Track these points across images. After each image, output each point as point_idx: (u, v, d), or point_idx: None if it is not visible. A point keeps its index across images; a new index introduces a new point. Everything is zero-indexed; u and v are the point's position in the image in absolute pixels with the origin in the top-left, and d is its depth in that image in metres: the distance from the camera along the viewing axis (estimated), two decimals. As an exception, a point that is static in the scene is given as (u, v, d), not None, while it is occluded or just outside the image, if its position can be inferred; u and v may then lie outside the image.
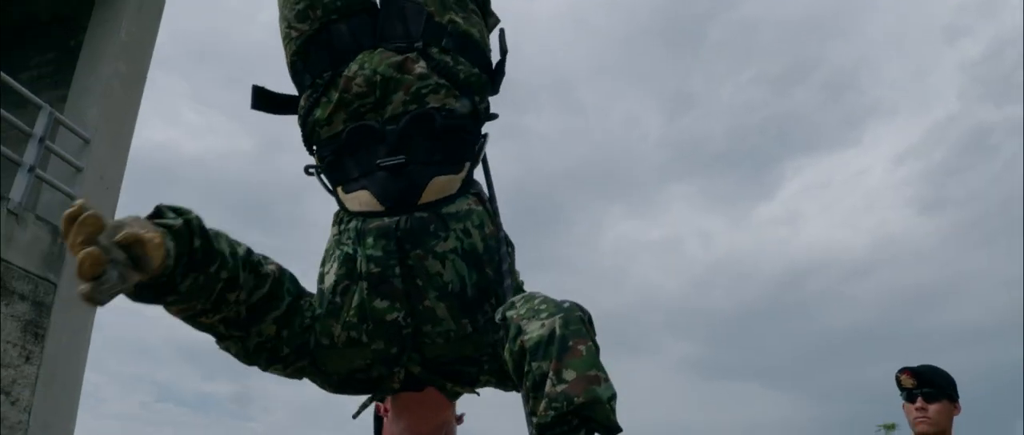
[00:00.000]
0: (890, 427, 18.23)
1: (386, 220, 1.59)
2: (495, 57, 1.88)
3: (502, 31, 1.95)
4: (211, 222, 1.40)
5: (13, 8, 8.31)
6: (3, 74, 6.04)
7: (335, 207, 1.74)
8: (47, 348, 5.92)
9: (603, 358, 1.35)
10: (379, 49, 1.72)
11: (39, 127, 6.13)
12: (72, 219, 1.08)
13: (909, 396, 2.70)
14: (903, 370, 2.73)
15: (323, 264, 1.68)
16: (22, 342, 5.75)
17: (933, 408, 2.64)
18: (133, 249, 1.12)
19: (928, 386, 2.66)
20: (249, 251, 1.51)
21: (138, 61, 7.33)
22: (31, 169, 5.96)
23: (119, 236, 1.11)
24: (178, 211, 1.35)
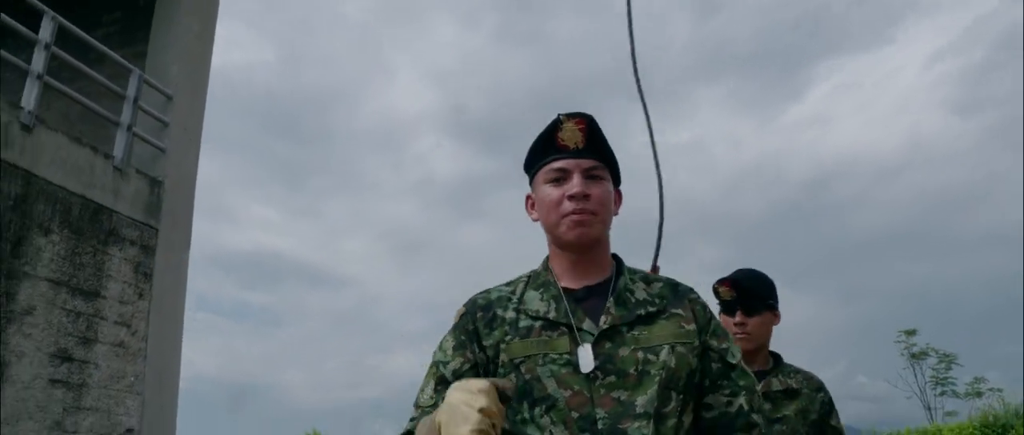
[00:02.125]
0: (911, 333, 18.93)
1: None
2: None
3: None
4: (243, 135, 1.47)
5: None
6: (97, 42, 6.69)
7: None
8: (154, 285, 6.77)
9: (633, 262, 1.59)
10: None
11: (131, 89, 6.82)
12: None
13: (727, 308, 2.52)
14: (720, 281, 2.55)
15: None
16: (135, 281, 6.59)
17: (752, 322, 2.46)
18: None
19: (747, 298, 2.48)
20: None
21: (207, 17, 7.93)
22: (129, 128, 6.68)
23: None
24: None
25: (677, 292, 1.53)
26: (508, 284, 1.58)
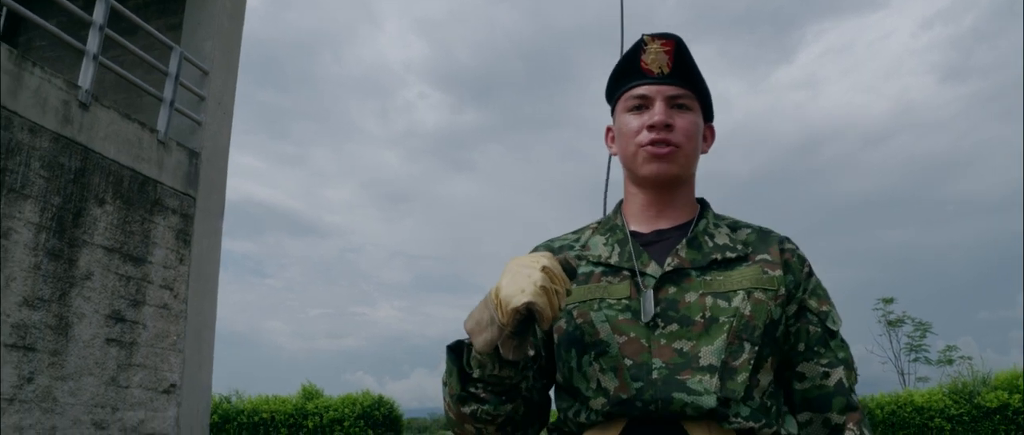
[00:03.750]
0: (888, 301, 19.74)
1: None
2: None
3: None
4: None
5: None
6: (137, 18, 7.09)
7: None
8: (193, 250, 7.29)
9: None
10: None
11: (172, 66, 7.24)
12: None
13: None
14: None
15: None
16: (176, 247, 7.10)
17: None
18: None
19: None
20: None
21: (239, -4, 8.31)
22: (171, 103, 7.12)
23: None
24: None
25: (767, 238, 1.33)
26: (575, 231, 1.43)
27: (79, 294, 6.00)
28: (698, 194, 1.42)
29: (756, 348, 1.20)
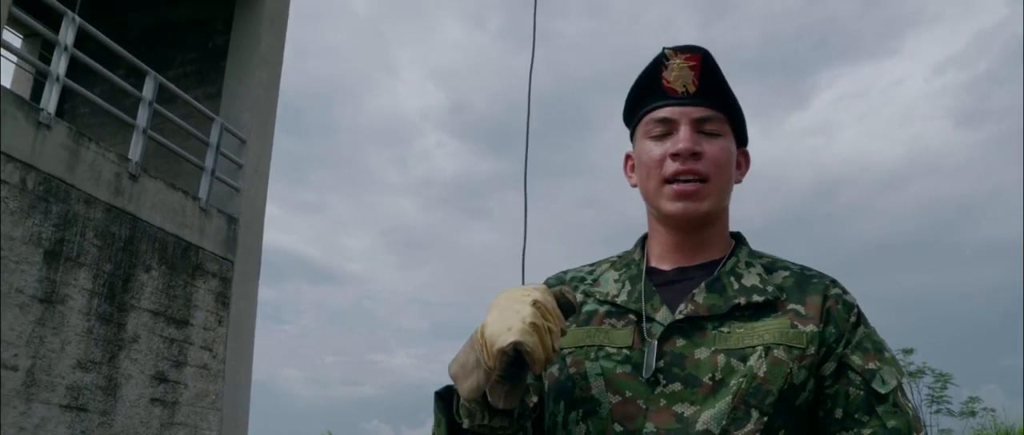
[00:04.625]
0: (908, 351, 19.76)
1: None
2: None
3: None
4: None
5: (153, 13, 9.74)
6: (181, 91, 7.51)
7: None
8: (231, 311, 7.61)
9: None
10: None
11: (213, 136, 7.65)
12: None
13: None
14: None
15: None
16: (216, 310, 7.43)
17: None
18: None
19: None
20: None
21: (274, 69, 8.76)
22: (212, 172, 7.51)
23: None
24: None
25: (807, 283, 1.12)
26: (592, 264, 1.28)
27: (127, 356, 6.31)
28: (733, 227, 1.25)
29: (765, 418, 1.00)
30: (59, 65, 6.05)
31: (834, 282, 1.14)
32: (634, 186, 1.22)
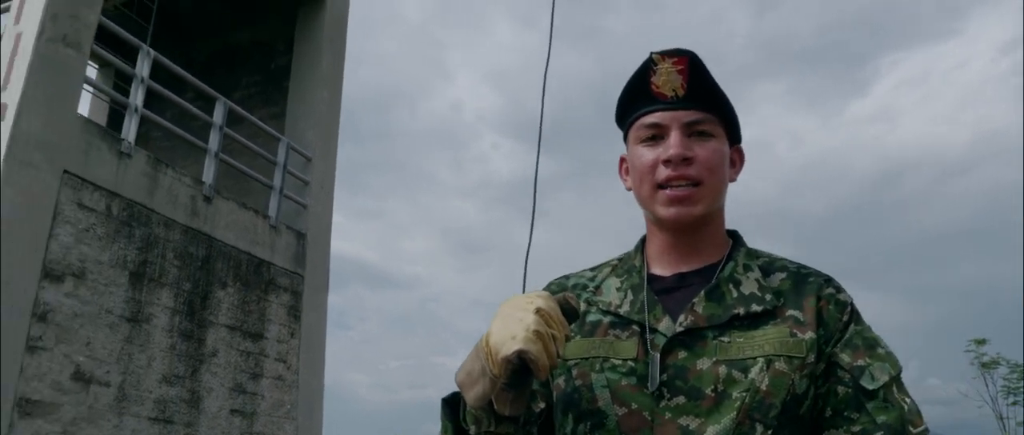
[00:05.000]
0: (981, 342, 19.23)
1: None
2: None
3: None
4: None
5: (218, 38, 10.14)
6: (248, 113, 7.83)
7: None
8: (302, 323, 7.90)
9: None
10: None
11: (280, 156, 7.95)
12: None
13: None
14: None
15: None
16: (288, 322, 7.73)
17: None
18: None
19: None
20: None
21: (335, 88, 9.05)
22: (280, 191, 7.82)
23: None
24: None
25: (803, 285, 1.14)
26: (594, 268, 1.29)
27: (207, 370, 6.63)
28: (730, 221, 1.26)
29: (770, 431, 1.02)
30: (137, 96, 6.39)
31: (829, 281, 1.15)
32: (629, 189, 1.23)
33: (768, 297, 1.11)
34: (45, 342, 5.39)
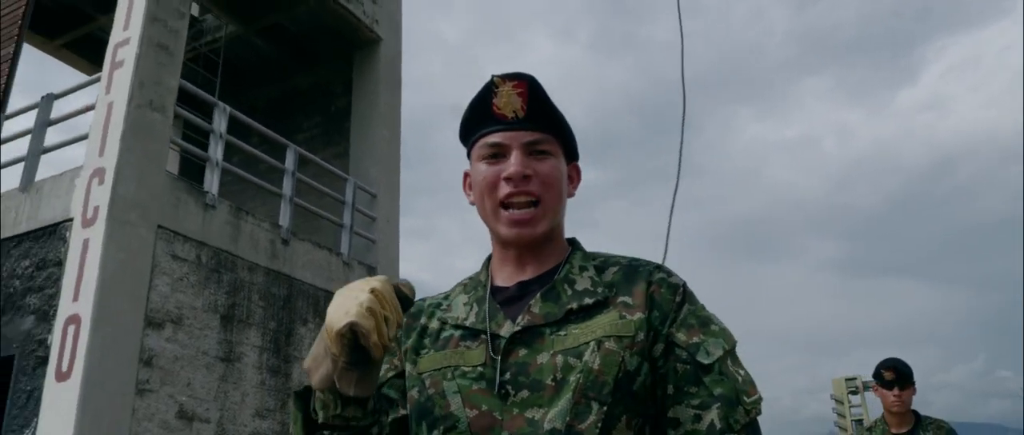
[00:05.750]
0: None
1: None
2: None
3: None
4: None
5: (280, 84, 10.67)
6: (313, 155, 8.28)
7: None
8: (377, 353, 8.29)
9: (743, 264, 1.92)
10: None
11: (348, 194, 8.39)
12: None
13: (887, 385, 3.74)
14: (887, 368, 3.75)
15: None
16: (365, 352, 8.13)
17: (907, 393, 3.71)
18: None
19: (903, 378, 3.71)
20: None
21: (394, 125, 9.49)
22: (350, 228, 8.24)
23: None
24: None
25: (633, 275, 1.19)
26: (449, 290, 1.34)
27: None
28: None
29: (605, 408, 1.06)
30: (217, 151, 6.87)
31: (659, 267, 1.21)
32: (473, 204, 1.27)
33: (600, 290, 1.17)
34: (152, 384, 5.85)
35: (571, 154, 1.30)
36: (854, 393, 32.19)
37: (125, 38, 6.57)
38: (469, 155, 1.28)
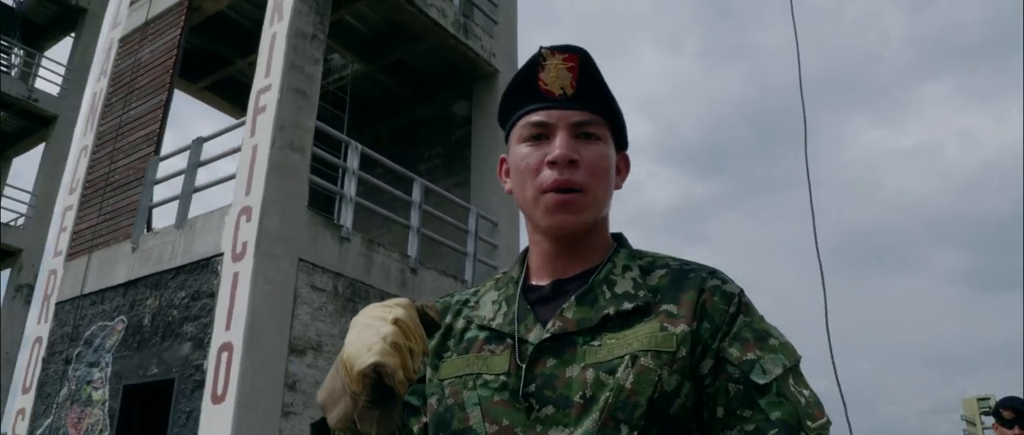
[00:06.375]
0: None
1: None
2: None
3: None
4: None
5: (402, 117, 11.15)
6: (435, 186, 8.62)
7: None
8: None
9: (861, 276, 1.34)
10: None
11: (470, 223, 8.70)
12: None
13: (1006, 424, 3.71)
14: (1006, 407, 3.72)
15: None
16: (489, 376, 8.38)
17: None
18: None
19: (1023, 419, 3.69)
20: None
21: (513, 153, 9.76)
22: (474, 256, 8.54)
23: None
24: None
25: (683, 280, 1.05)
26: (479, 286, 1.22)
27: (425, 426, 7.36)
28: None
29: (636, 433, 0.95)
30: (350, 188, 7.30)
31: (713, 273, 1.07)
32: (510, 192, 1.15)
33: (642, 294, 1.04)
34: (295, 408, 6.26)
35: (621, 142, 1.16)
36: (986, 414, 30.49)
37: (267, 85, 7.10)
38: (507, 138, 1.15)
